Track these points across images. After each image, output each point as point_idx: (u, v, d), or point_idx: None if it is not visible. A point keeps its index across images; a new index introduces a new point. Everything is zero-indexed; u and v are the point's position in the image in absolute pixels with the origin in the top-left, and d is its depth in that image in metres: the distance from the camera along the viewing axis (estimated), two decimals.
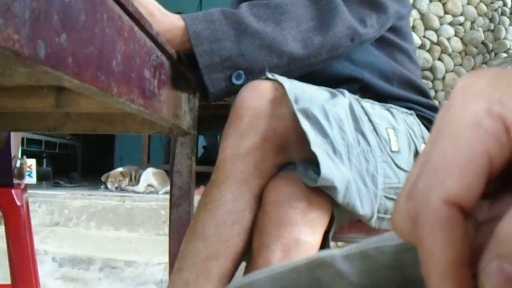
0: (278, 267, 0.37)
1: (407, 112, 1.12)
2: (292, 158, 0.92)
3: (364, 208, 0.92)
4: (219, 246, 0.87)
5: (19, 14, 0.37)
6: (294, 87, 0.92)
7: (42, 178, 4.43)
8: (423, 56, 4.19)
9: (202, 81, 0.95)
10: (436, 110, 1.21)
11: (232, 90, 0.96)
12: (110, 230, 3.21)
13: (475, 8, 4.53)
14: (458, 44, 4.43)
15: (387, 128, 1.01)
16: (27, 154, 3.71)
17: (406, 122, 1.08)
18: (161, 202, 3.25)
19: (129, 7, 0.61)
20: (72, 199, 3.41)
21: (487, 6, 4.56)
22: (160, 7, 0.95)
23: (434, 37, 4.35)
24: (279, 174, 0.92)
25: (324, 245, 0.93)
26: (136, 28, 0.67)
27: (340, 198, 0.87)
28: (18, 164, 1.69)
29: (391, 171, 0.99)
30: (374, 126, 0.99)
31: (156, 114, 0.81)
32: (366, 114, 0.99)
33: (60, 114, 1.27)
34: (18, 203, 1.52)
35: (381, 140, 0.98)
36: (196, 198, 1.07)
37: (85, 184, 4.59)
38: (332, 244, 0.96)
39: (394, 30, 1.19)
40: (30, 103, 1.15)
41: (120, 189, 3.84)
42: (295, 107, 0.88)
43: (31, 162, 3.41)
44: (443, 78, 4.34)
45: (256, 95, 0.91)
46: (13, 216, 1.52)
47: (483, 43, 4.50)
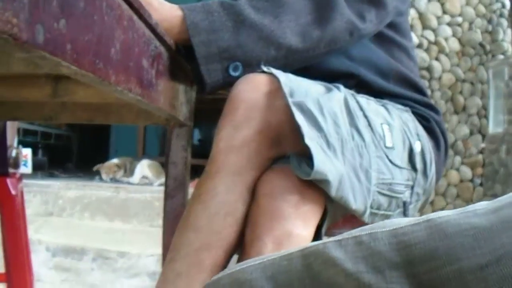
0: (270, 255, 0.37)
1: (402, 109, 1.13)
2: (286, 151, 0.92)
3: (357, 203, 0.93)
4: (212, 237, 0.87)
5: None
6: (289, 81, 0.92)
7: (38, 168, 4.42)
8: (420, 56, 4.19)
9: (198, 72, 0.95)
10: (431, 108, 1.21)
11: (229, 82, 0.96)
12: (103, 221, 3.22)
13: (474, 9, 4.54)
14: (455, 45, 4.43)
15: (382, 124, 1.02)
16: (23, 144, 3.70)
17: (401, 118, 1.08)
18: (155, 194, 3.26)
19: None
20: (67, 189, 3.41)
21: (486, 7, 4.57)
22: None
23: (432, 36, 4.36)
24: (273, 167, 0.92)
25: (316, 239, 0.93)
26: (135, 17, 0.67)
27: (333, 192, 0.88)
28: (14, 153, 1.69)
29: (384, 167, 0.99)
30: (369, 121, 0.99)
31: (153, 104, 0.81)
32: (361, 109, 1.00)
33: (57, 104, 1.27)
34: (13, 193, 1.52)
35: (375, 136, 0.99)
36: (191, 191, 1.07)
37: (80, 174, 4.59)
38: (325, 239, 0.96)
39: (392, 26, 1.19)
40: (26, 93, 1.14)
41: (114, 180, 3.84)
42: (290, 100, 0.88)
43: (27, 152, 3.40)
44: (440, 78, 4.35)
45: (251, 88, 0.92)
46: (7, 206, 1.52)
47: (481, 44, 4.50)
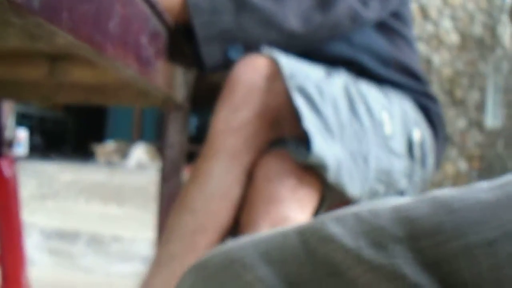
0: (265, 233, 0.36)
1: (402, 97, 1.12)
2: (284, 134, 0.92)
3: (354, 189, 0.92)
4: (207, 219, 0.87)
5: None
6: (289, 64, 0.91)
7: (33, 149, 4.41)
8: (420, 48, 4.19)
9: (198, 53, 0.94)
10: (431, 97, 1.20)
11: (229, 64, 0.96)
12: (98, 204, 3.22)
13: (475, 3, 4.52)
14: (455, 38, 4.42)
15: (381, 111, 1.01)
16: (20, 126, 3.70)
17: (401, 106, 1.08)
18: (150, 178, 3.25)
19: None
20: (62, 172, 3.41)
21: (486, 1, 4.56)
22: None
23: (432, 29, 4.35)
24: (270, 150, 0.92)
25: None
26: None
27: (330, 177, 0.87)
28: (9, 134, 1.67)
29: (383, 154, 0.98)
30: (369, 108, 0.98)
31: (150, 83, 0.80)
32: (362, 95, 0.99)
33: (53, 84, 1.26)
34: (7, 175, 1.51)
35: (375, 123, 0.98)
36: (186, 176, 1.07)
37: (75, 158, 4.59)
38: None
39: (395, 15, 1.18)
40: (23, 72, 1.13)
41: (110, 163, 3.83)
42: (290, 83, 0.87)
43: (23, 134, 3.40)
44: (439, 71, 4.34)
45: (250, 70, 0.91)
46: (1, 187, 1.50)
47: (481, 38, 4.50)
